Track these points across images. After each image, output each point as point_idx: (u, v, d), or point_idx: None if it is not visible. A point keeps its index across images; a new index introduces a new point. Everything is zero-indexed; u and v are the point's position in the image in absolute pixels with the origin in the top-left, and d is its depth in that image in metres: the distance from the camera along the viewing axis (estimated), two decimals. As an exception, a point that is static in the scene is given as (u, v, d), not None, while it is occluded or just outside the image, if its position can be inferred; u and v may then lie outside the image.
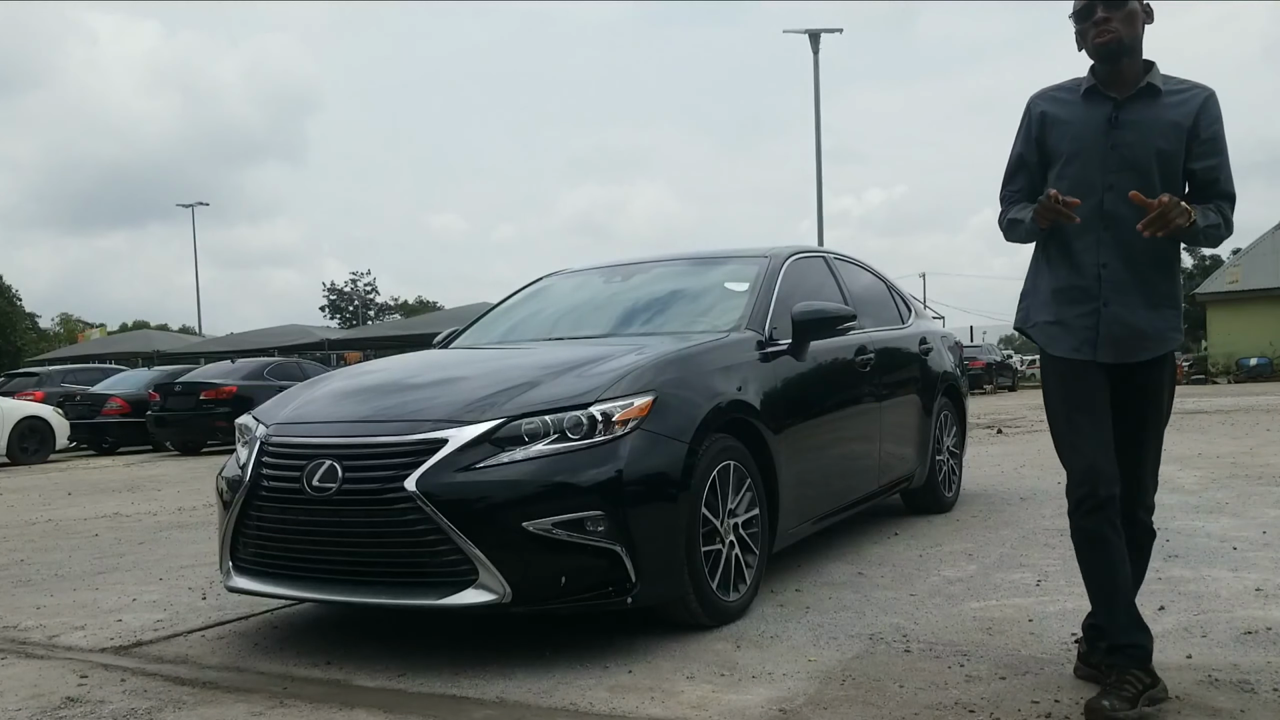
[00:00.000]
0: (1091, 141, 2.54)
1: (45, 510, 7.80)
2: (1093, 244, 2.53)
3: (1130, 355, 2.54)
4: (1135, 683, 2.39)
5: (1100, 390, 2.55)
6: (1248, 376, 27.63)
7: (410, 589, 3.04)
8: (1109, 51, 2.49)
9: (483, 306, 13.85)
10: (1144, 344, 2.53)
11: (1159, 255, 2.52)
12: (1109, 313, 2.52)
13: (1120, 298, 2.52)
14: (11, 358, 40.40)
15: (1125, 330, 2.52)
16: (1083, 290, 2.55)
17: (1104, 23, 2.48)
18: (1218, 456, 7.95)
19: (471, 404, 3.18)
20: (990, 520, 5.31)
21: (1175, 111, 2.50)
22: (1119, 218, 2.49)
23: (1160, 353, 2.55)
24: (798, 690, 2.71)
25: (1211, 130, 2.50)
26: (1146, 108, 2.51)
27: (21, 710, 2.82)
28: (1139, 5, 2.51)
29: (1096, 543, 2.52)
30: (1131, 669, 2.41)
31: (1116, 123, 2.51)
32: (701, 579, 3.23)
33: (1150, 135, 2.49)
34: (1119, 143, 2.51)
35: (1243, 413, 13.40)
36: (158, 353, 32.93)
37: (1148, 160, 2.48)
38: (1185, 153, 2.50)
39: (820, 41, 22.22)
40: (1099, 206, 2.52)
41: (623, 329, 4.34)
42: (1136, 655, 2.44)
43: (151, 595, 4.30)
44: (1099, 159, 2.52)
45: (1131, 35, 2.49)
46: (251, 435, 3.46)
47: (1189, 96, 2.51)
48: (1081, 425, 2.53)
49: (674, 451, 3.18)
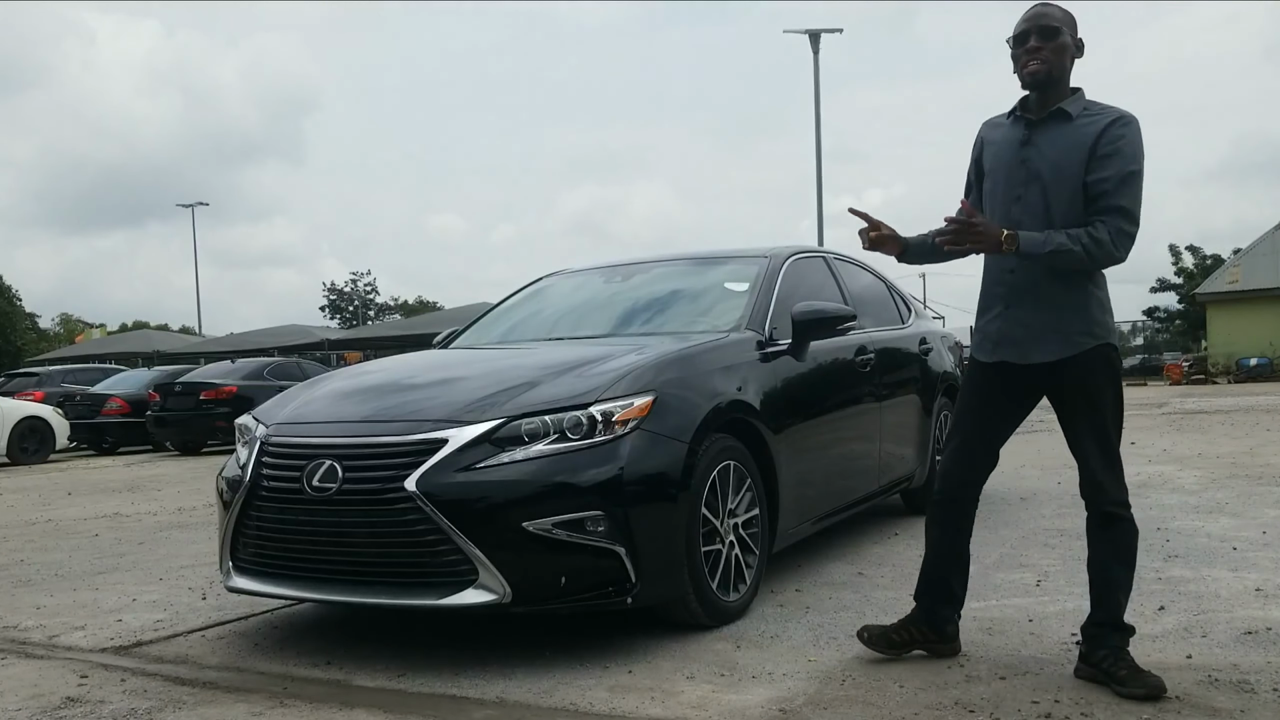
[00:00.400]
0: (1007, 159, 2.78)
1: (45, 510, 7.80)
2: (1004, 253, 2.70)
3: (1030, 356, 2.73)
4: (915, 632, 2.89)
5: (1002, 393, 2.82)
6: (1248, 376, 27.61)
7: (410, 589, 3.04)
8: (1036, 80, 2.70)
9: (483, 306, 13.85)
10: (1045, 345, 2.71)
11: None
12: (1010, 314, 2.75)
13: (1022, 300, 2.73)
14: (11, 358, 40.40)
15: (1025, 331, 2.73)
16: (995, 296, 2.79)
17: (1036, 52, 2.68)
18: (1218, 456, 7.95)
19: (471, 404, 3.18)
20: (990, 520, 5.30)
21: (1081, 133, 2.67)
22: (1025, 226, 2.68)
23: (1067, 354, 2.69)
24: (798, 690, 2.71)
25: (1110, 148, 2.63)
26: (1055, 129, 2.71)
27: (21, 710, 2.82)
28: (1070, 40, 2.70)
29: (931, 526, 2.96)
30: (919, 622, 2.90)
31: (1027, 141, 2.74)
32: (701, 579, 3.23)
33: (1053, 152, 2.69)
34: (1027, 159, 2.73)
35: (1243, 413, 13.39)
36: (158, 353, 32.96)
37: (1048, 174, 2.68)
38: (1085, 167, 2.65)
39: (820, 41, 22.23)
40: (1008, 217, 2.73)
41: (623, 329, 4.34)
42: (923, 613, 2.92)
43: (151, 595, 4.30)
44: (1009, 174, 2.76)
45: (1059, 67, 2.69)
46: (251, 435, 3.46)
47: (1098, 119, 2.68)
48: (961, 426, 2.88)
49: (674, 451, 3.18)
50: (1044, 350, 2.71)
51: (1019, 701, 2.54)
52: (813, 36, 22.22)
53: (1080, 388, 2.72)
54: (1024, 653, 2.95)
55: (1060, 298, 2.68)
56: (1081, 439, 2.74)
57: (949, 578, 2.93)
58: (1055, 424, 2.89)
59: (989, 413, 2.86)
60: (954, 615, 2.94)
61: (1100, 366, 2.72)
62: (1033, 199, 2.70)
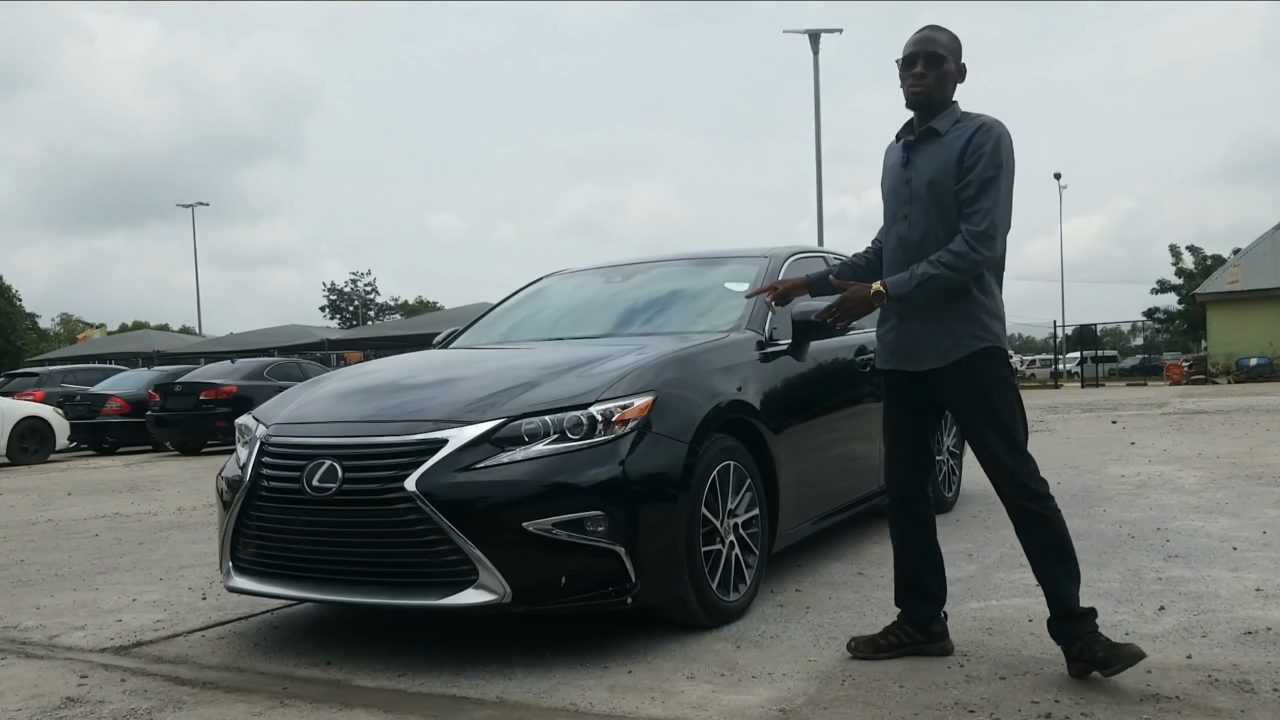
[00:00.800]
0: (894, 180, 2.94)
1: (45, 510, 7.80)
2: (894, 265, 2.89)
3: (923, 363, 2.85)
4: (902, 635, 2.93)
5: (907, 400, 2.94)
6: (1248, 376, 27.60)
7: (410, 589, 3.04)
8: (916, 102, 2.84)
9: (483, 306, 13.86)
10: (931, 352, 2.83)
11: None
12: (902, 326, 2.89)
13: (913, 312, 2.86)
14: (12, 358, 40.39)
15: (916, 341, 2.86)
16: (890, 308, 2.90)
17: (920, 77, 2.80)
18: (1218, 456, 7.95)
19: (471, 404, 3.18)
20: (990, 520, 5.30)
21: (949, 148, 2.79)
22: (910, 242, 2.85)
23: (955, 357, 2.79)
24: (798, 690, 2.71)
25: (974, 157, 2.74)
26: (928, 147, 2.84)
27: (21, 710, 2.82)
28: (954, 68, 2.83)
29: (892, 530, 3.06)
30: (904, 624, 2.95)
31: (908, 163, 2.89)
32: (701, 579, 3.23)
33: (929, 169, 2.82)
34: (910, 177, 2.88)
35: (1243, 413, 13.39)
36: (158, 353, 32.95)
37: (925, 192, 2.82)
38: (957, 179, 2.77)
39: (820, 41, 22.23)
40: (897, 233, 2.90)
41: (623, 329, 4.34)
42: (906, 615, 2.97)
43: (151, 595, 4.30)
44: (896, 195, 2.93)
45: (940, 93, 2.82)
46: (251, 435, 3.46)
47: (963, 131, 2.79)
48: (890, 434, 3.01)
49: (674, 451, 3.18)
50: (932, 357, 2.82)
51: (1019, 701, 2.54)
52: (813, 36, 22.23)
53: (970, 390, 2.80)
54: (1024, 653, 2.95)
55: (948, 308, 2.80)
56: (984, 440, 2.79)
57: (922, 577, 2.98)
58: (1055, 424, 2.93)
59: (907, 416, 2.97)
60: (937, 612, 2.97)
61: (985, 367, 2.79)
62: (916, 217, 2.84)
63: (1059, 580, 2.73)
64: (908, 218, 2.87)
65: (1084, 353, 34.15)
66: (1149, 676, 2.68)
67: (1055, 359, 36.98)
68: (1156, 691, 2.57)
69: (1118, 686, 2.62)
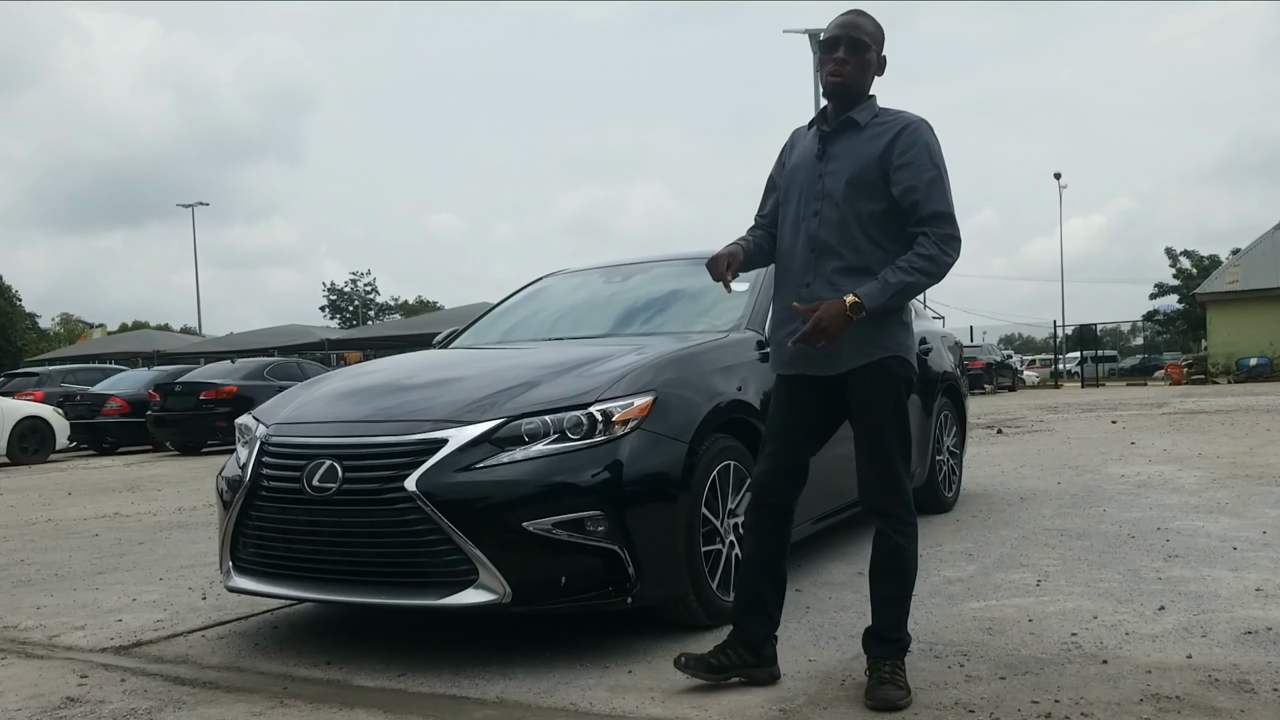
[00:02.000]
0: (806, 173, 2.77)
1: (45, 510, 7.80)
2: (801, 266, 2.74)
3: (826, 369, 2.70)
4: (733, 655, 2.74)
5: (804, 406, 2.78)
6: (1248, 376, 27.60)
7: (410, 589, 3.04)
8: (834, 90, 2.74)
9: (483, 306, 13.84)
10: (837, 357, 2.67)
11: (859, 276, 2.65)
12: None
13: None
14: (12, 358, 40.38)
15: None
16: (791, 309, 2.71)
17: (841, 64, 2.71)
18: (1218, 456, 7.95)
19: (471, 404, 3.18)
20: (990, 520, 5.31)
21: (871, 144, 2.68)
22: (821, 241, 2.70)
23: (859, 364, 2.67)
24: (798, 690, 2.71)
25: (906, 156, 2.64)
26: (847, 141, 2.72)
27: (21, 710, 2.82)
28: (875, 58, 2.74)
29: (749, 532, 2.87)
30: (737, 645, 2.76)
31: (822, 155, 2.74)
32: (701, 579, 3.23)
33: (845, 166, 2.69)
34: (824, 173, 2.73)
35: (1243, 413, 13.39)
36: (158, 353, 32.94)
37: (843, 190, 2.67)
38: (885, 180, 2.66)
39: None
40: (807, 231, 2.73)
41: (622, 329, 4.34)
42: (741, 634, 2.78)
43: (151, 595, 4.30)
44: (808, 189, 2.75)
45: (860, 82, 2.73)
46: (251, 435, 3.46)
47: (887, 128, 2.69)
48: (772, 439, 2.83)
49: (674, 451, 3.18)
50: (837, 362, 2.68)
51: (1019, 701, 2.54)
52: (813, 36, 22.19)
53: (865, 398, 2.70)
54: (1024, 653, 2.95)
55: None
56: (859, 449, 2.73)
57: (763, 593, 2.80)
58: (1055, 424, 2.91)
59: (796, 425, 2.81)
60: (770, 635, 2.80)
61: (884, 377, 2.69)
62: (829, 215, 2.69)
63: (882, 600, 2.70)
64: (819, 214, 2.71)
65: (1084, 353, 34.16)
66: (1149, 676, 2.69)
67: (1055, 359, 37.01)
68: (1156, 691, 2.57)
69: (1118, 686, 2.62)
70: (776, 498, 2.81)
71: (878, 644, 2.68)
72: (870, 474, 2.71)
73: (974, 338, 32.69)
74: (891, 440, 2.69)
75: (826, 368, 2.70)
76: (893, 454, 2.69)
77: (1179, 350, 40.21)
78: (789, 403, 2.81)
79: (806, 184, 2.76)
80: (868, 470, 2.72)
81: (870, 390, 2.69)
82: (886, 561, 2.71)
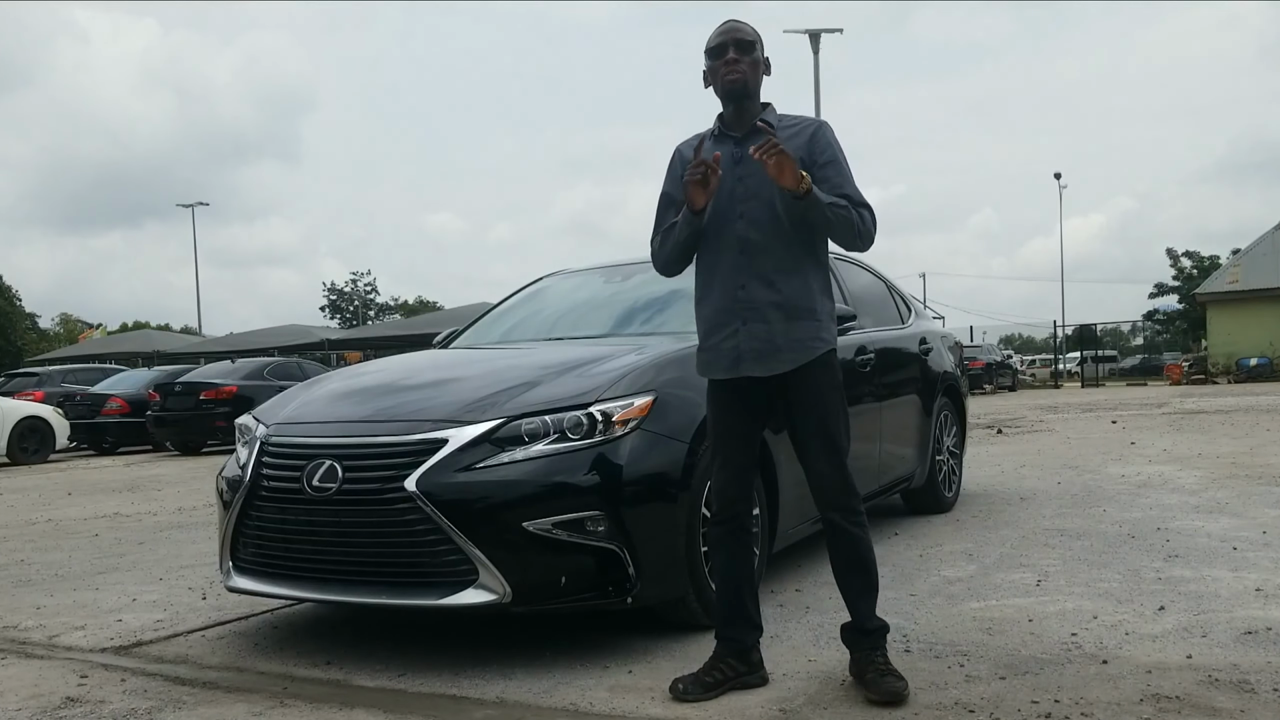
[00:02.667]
0: (726, 179, 2.76)
1: (45, 510, 7.80)
2: (732, 269, 2.76)
3: (772, 368, 2.73)
4: (726, 669, 2.74)
5: (745, 413, 2.81)
6: (1248, 376, 27.61)
7: (410, 589, 3.04)
8: (734, 91, 2.78)
9: (483, 306, 13.84)
10: (782, 355, 2.72)
11: (794, 272, 2.74)
12: (747, 330, 2.73)
13: (758, 314, 2.73)
14: (12, 358, 40.37)
15: (764, 344, 2.72)
16: (727, 312, 2.76)
17: (734, 64, 2.76)
18: (1218, 456, 7.95)
19: (471, 404, 3.18)
20: (990, 520, 5.31)
21: (790, 143, 2.73)
22: (751, 242, 2.75)
23: (802, 361, 2.73)
24: (798, 690, 2.71)
25: (826, 154, 2.78)
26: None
27: (21, 710, 2.82)
28: (761, 56, 2.82)
29: (719, 547, 2.86)
30: (726, 657, 2.76)
31: (740, 159, 2.76)
32: (701, 579, 3.23)
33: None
34: (744, 175, 2.75)
35: (1243, 413, 13.39)
36: (158, 353, 32.92)
37: (768, 187, 2.69)
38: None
39: (820, 41, 22.21)
40: (735, 234, 2.76)
41: (622, 329, 4.34)
42: (732, 646, 2.78)
43: (151, 595, 4.30)
44: (729, 192, 2.77)
45: (755, 80, 2.81)
46: (251, 435, 3.46)
47: (800, 129, 2.82)
48: (723, 448, 2.83)
49: (674, 451, 3.18)
50: (783, 360, 2.72)
51: (1019, 701, 2.54)
52: (813, 36, 22.20)
53: (812, 392, 2.75)
54: (1024, 653, 2.95)
55: (797, 308, 2.73)
56: (809, 445, 2.76)
57: (744, 602, 2.82)
58: (1055, 424, 2.92)
59: (741, 429, 2.83)
60: (756, 642, 2.83)
61: (827, 370, 2.78)
62: (756, 214, 2.74)
63: (855, 594, 2.76)
64: (744, 216, 2.75)
65: (1084, 353, 34.16)
66: (1149, 676, 2.69)
67: (1055, 359, 37.00)
68: (1156, 691, 2.57)
69: (1118, 686, 2.62)
70: (743, 507, 2.84)
71: (864, 636, 2.72)
72: (827, 469, 2.74)
73: (974, 338, 32.69)
74: (841, 433, 2.77)
75: (773, 367, 2.73)
76: (843, 446, 2.77)
77: (1179, 350, 40.20)
78: (728, 408, 2.83)
79: (725, 190, 2.76)
80: (825, 466, 2.74)
81: (818, 384, 2.76)
82: (851, 555, 2.76)
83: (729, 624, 2.82)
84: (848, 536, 2.75)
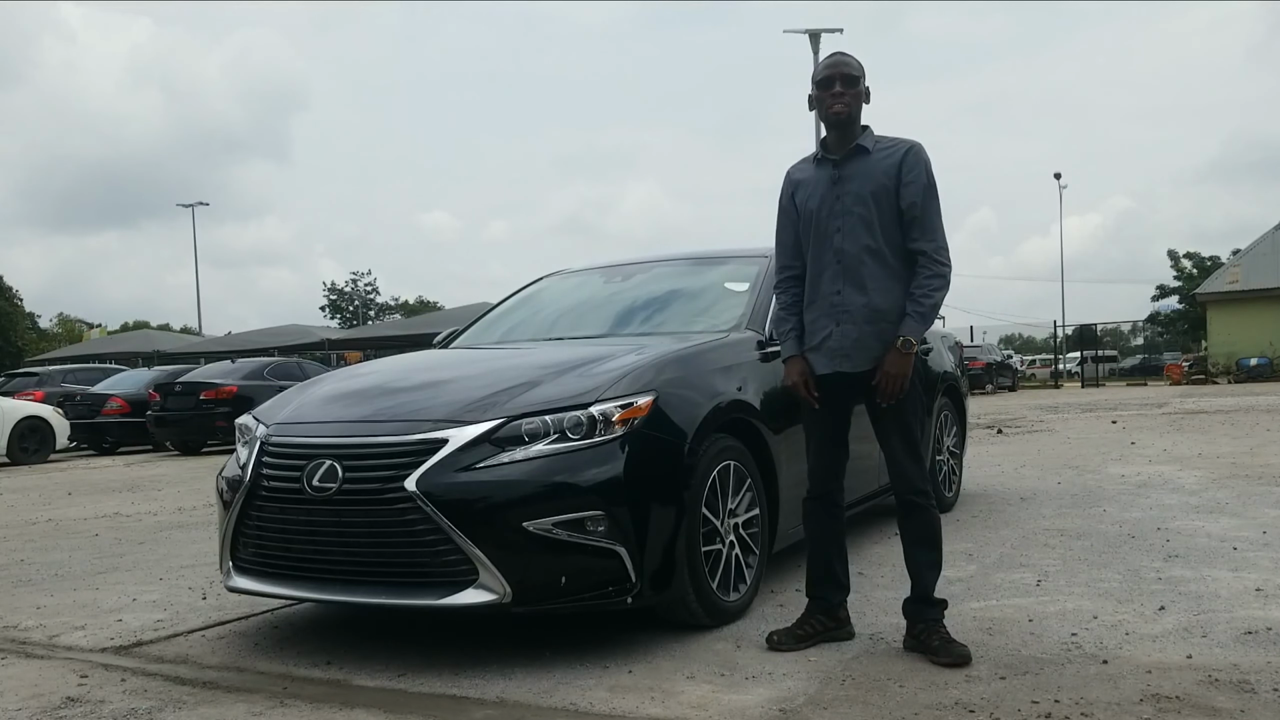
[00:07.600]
0: (823, 196, 3.12)
1: (45, 510, 7.80)
2: (829, 277, 3.09)
3: (862, 365, 3.05)
4: (816, 624, 3.13)
5: (837, 403, 3.13)
6: (1248, 376, 27.60)
7: (410, 589, 3.04)
8: (839, 120, 3.08)
9: (483, 306, 13.84)
10: (870, 352, 3.04)
11: (881, 281, 3.05)
12: (840, 331, 3.06)
13: (850, 317, 3.06)
14: (12, 358, 40.37)
15: (855, 345, 3.05)
16: (825, 316, 3.10)
17: (839, 96, 3.05)
18: (1218, 456, 7.95)
19: (472, 404, 3.18)
20: (990, 520, 5.31)
21: (884, 162, 3.06)
22: (846, 253, 3.07)
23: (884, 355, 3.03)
24: (798, 690, 2.71)
25: (912, 174, 3.04)
26: (859, 163, 3.09)
27: (21, 710, 2.82)
28: (864, 88, 3.11)
29: (809, 522, 3.25)
30: (816, 614, 3.14)
31: (837, 179, 3.10)
32: (701, 579, 3.23)
33: (865, 183, 3.06)
34: (841, 193, 3.09)
35: (1243, 413, 13.39)
36: (158, 353, 32.91)
37: (865, 202, 3.05)
38: (897, 194, 3.04)
39: (820, 41, 22.21)
40: (832, 246, 3.09)
41: (622, 329, 4.34)
42: (821, 604, 3.17)
43: (151, 595, 4.30)
44: (828, 208, 3.10)
45: (857, 110, 3.10)
46: (251, 435, 3.46)
47: (894, 150, 3.09)
48: (816, 434, 3.19)
49: (674, 451, 3.18)
50: (870, 357, 3.04)
51: (1019, 701, 2.54)
52: (813, 36, 22.19)
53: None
54: (1024, 653, 2.95)
55: (883, 311, 3.03)
56: (890, 434, 3.08)
57: (833, 565, 3.19)
58: (1055, 424, 2.93)
59: (832, 418, 3.16)
60: (844, 600, 3.21)
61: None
62: (851, 229, 3.06)
63: (923, 567, 3.07)
64: (840, 230, 3.07)
65: (1084, 353, 34.14)
66: (1149, 676, 2.69)
67: (1055, 359, 36.99)
68: (1156, 691, 2.57)
69: (1118, 686, 2.62)
70: (832, 483, 3.19)
71: (929, 607, 3.02)
72: (904, 456, 3.06)
73: (974, 338, 32.68)
74: (917, 421, 3.12)
75: (861, 364, 3.04)
76: (919, 434, 3.11)
77: (1179, 350, 40.19)
78: (830, 399, 3.13)
79: (825, 207, 3.10)
80: (902, 453, 3.07)
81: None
82: (924, 531, 3.09)
83: (819, 584, 3.19)
84: (925, 515, 3.08)
